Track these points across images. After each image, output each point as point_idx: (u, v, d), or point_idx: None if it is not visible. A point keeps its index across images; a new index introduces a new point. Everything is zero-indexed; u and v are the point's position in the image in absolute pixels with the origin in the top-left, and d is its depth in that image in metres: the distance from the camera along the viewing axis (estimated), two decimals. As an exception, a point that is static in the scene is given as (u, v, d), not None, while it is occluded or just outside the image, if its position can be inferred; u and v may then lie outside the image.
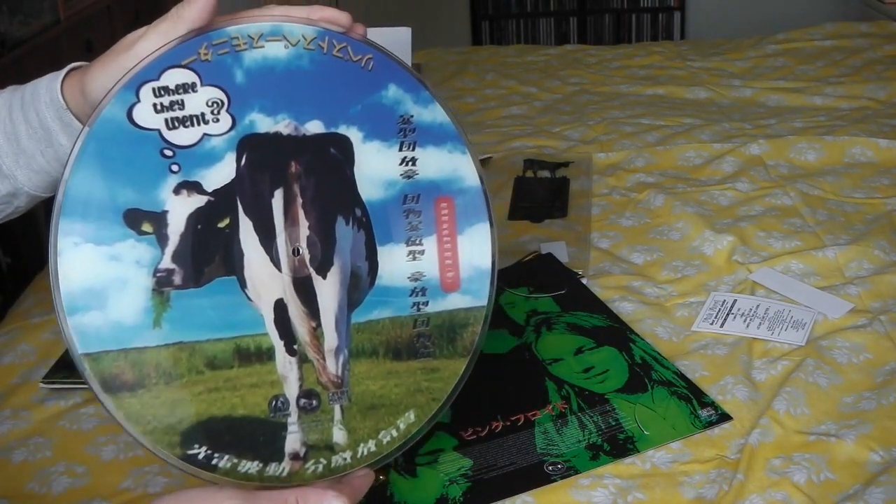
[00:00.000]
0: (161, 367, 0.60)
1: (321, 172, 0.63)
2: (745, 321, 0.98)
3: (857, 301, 1.00)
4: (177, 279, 0.60)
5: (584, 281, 1.08)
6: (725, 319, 0.99)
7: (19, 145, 0.70)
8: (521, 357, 0.95)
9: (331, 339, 0.64)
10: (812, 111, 1.60)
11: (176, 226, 0.60)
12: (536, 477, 0.79)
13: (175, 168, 0.60)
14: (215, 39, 0.61)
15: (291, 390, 0.63)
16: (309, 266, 0.63)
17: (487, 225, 0.67)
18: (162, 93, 0.60)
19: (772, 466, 0.78)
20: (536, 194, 1.32)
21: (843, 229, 1.16)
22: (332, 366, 0.64)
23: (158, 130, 0.60)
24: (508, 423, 0.85)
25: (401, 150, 0.65)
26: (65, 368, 0.96)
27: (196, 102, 0.60)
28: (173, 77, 0.60)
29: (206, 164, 0.60)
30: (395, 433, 0.65)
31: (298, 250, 0.63)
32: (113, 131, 0.59)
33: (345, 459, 0.64)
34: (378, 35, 0.98)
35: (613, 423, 0.84)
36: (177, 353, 0.60)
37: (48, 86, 0.69)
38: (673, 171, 1.39)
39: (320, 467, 0.63)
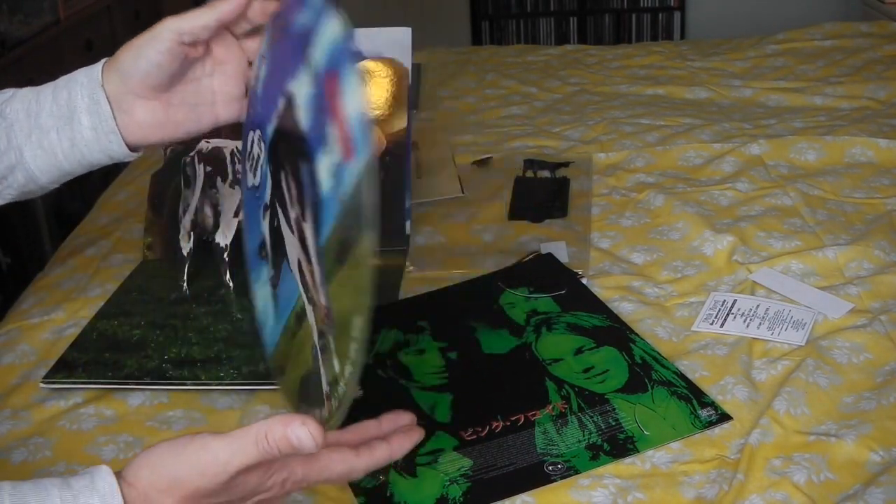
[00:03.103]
0: (284, 352, 0.70)
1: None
2: (745, 321, 0.98)
3: (857, 301, 1.00)
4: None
5: (584, 281, 1.08)
6: (725, 319, 0.99)
7: (37, 121, 0.76)
8: (521, 357, 0.95)
9: (317, 271, 0.63)
10: (812, 111, 1.60)
11: None
12: (536, 477, 0.79)
13: None
14: None
15: (314, 337, 0.65)
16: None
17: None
18: None
19: (772, 466, 0.78)
20: (536, 194, 1.32)
21: (843, 229, 1.16)
22: (322, 298, 0.63)
23: None
24: (508, 423, 0.85)
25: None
26: (65, 368, 0.96)
27: None
28: None
29: None
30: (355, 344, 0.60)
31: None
32: None
33: (344, 388, 0.62)
34: (378, 35, 0.99)
35: (613, 423, 0.84)
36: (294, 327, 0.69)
37: (87, 70, 0.77)
38: (673, 171, 1.38)
39: (335, 402, 0.62)
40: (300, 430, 0.59)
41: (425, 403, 0.88)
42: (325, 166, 0.60)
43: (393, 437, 0.66)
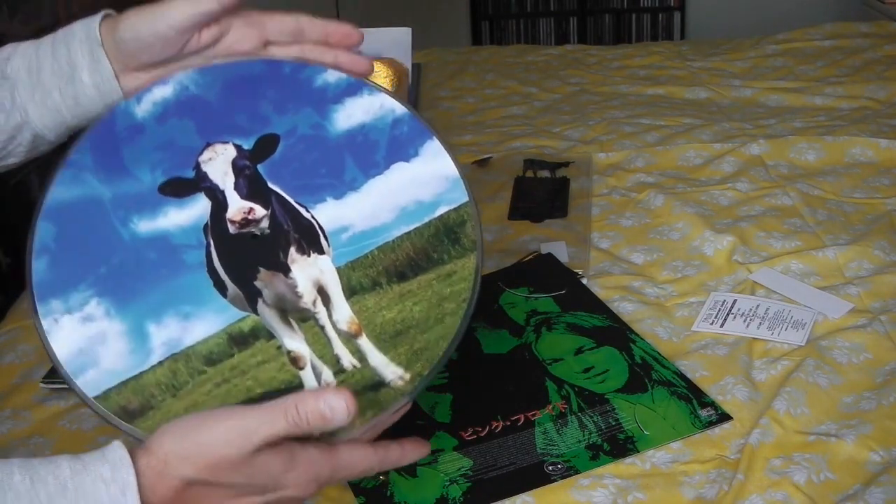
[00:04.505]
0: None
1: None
2: (745, 321, 0.98)
3: (857, 301, 1.00)
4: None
5: (584, 281, 1.08)
6: (725, 319, 0.99)
7: (39, 79, 0.74)
8: (521, 357, 0.95)
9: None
10: (812, 111, 1.60)
11: None
12: (536, 477, 0.79)
13: None
14: None
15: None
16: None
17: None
18: None
19: (772, 466, 0.78)
20: (536, 194, 1.32)
21: (843, 229, 1.16)
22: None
23: None
24: (508, 423, 0.85)
25: None
26: (65, 368, 0.96)
27: None
28: None
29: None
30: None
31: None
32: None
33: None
34: (378, 35, 0.98)
35: (613, 423, 0.84)
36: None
37: (84, 25, 0.75)
38: (673, 171, 1.39)
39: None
40: (333, 400, 0.57)
41: (425, 403, 0.88)
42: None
43: (405, 442, 0.65)
